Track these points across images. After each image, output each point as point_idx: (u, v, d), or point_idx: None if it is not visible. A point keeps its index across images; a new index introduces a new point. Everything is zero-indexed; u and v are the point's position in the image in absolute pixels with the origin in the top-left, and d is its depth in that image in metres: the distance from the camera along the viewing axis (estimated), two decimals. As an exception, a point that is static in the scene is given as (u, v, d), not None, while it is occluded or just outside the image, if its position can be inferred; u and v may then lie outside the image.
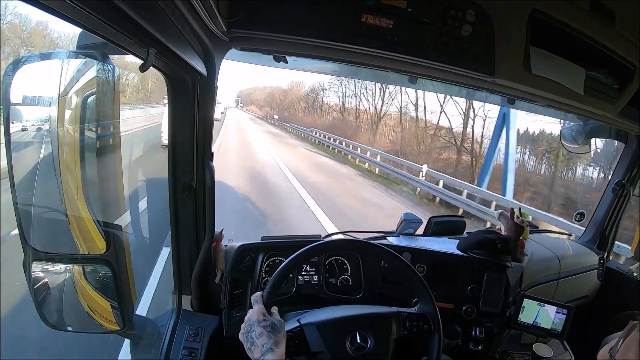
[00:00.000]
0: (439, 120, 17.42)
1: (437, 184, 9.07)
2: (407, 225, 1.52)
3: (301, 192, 7.42)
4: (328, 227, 5.28)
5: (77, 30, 0.70)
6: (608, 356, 0.74)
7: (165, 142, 1.10)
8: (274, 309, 0.85)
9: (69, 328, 0.91)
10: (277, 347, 0.77)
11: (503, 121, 8.73)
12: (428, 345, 0.94)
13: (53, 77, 0.71)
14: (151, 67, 0.69)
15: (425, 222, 1.61)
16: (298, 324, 0.91)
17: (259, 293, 0.85)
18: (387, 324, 0.93)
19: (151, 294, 2.40)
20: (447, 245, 1.47)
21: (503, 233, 1.47)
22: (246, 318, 0.82)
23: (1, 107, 0.70)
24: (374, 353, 0.89)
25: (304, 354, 0.88)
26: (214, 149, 1.11)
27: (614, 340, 0.77)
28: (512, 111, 8.08)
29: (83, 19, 0.50)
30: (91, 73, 0.74)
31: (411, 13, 0.91)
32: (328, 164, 13.48)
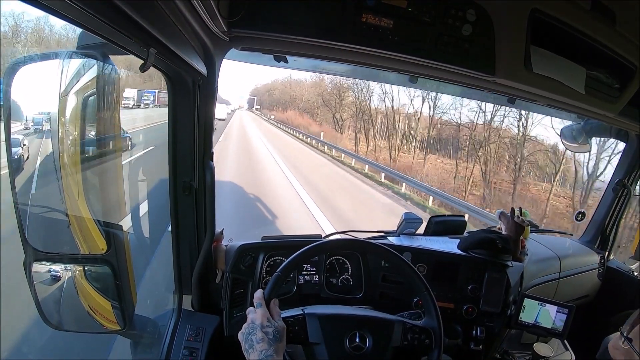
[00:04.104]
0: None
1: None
2: (408, 224, 1.51)
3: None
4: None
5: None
6: (618, 334, 0.75)
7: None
8: (275, 302, 0.85)
9: (70, 328, 0.91)
10: (276, 355, 0.77)
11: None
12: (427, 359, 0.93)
13: (54, 77, 0.71)
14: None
15: (425, 222, 1.61)
16: (301, 312, 0.91)
17: (260, 293, 0.85)
18: (389, 331, 0.92)
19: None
20: (448, 244, 1.47)
21: (503, 232, 1.47)
22: (249, 318, 0.82)
23: (1, 107, 0.70)
24: (370, 356, 0.89)
25: (301, 342, 0.89)
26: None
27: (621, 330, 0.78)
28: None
29: (83, 19, 0.50)
30: (92, 73, 0.74)
31: (411, 13, 0.91)
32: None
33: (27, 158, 0.81)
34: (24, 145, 0.80)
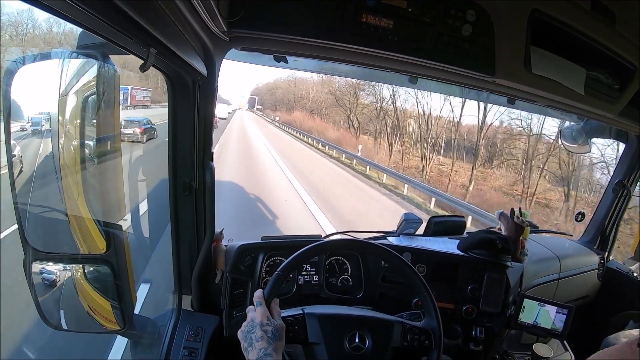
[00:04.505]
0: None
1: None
2: (408, 225, 1.52)
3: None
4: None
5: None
6: (636, 347, 0.74)
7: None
8: (275, 302, 0.85)
9: (70, 328, 0.91)
10: (275, 354, 0.77)
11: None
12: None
13: (53, 77, 0.71)
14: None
15: (425, 222, 1.61)
16: (301, 312, 0.91)
17: (260, 292, 0.85)
18: (389, 331, 0.92)
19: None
20: (448, 245, 1.47)
21: (503, 233, 1.47)
22: (249, 317, 0.82)
23: (1, 107, 0.70)
24: (370, 356, 0.89)
25: (300, 342, 0.89)
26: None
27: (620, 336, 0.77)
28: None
29: (83, 18, 0.50)
30: (91, 73, 0.74)
31: (411, 13, 0.91)
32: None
33: (20, 171, 0.75)
34: (15, 155, 0.74)
